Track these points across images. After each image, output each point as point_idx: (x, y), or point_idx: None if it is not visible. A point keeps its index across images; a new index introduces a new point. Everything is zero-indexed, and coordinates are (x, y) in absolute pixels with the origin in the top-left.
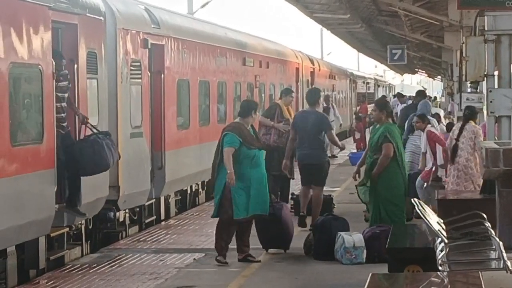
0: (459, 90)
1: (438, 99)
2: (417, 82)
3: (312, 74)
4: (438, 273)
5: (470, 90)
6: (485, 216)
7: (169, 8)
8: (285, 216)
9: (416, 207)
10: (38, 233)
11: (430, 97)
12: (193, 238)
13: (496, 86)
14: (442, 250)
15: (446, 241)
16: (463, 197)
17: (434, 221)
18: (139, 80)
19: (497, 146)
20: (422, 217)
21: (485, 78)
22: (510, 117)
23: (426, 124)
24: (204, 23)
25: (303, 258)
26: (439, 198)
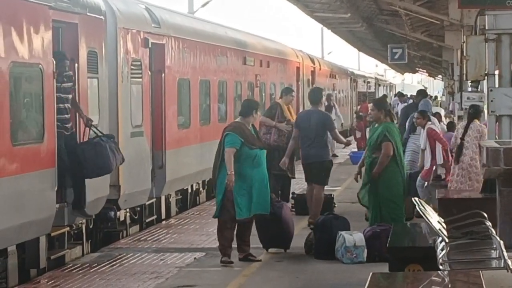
0: (460, 89)
1: (438, 98)
2: (417, 81)
3: (312, 73)
4: (439, 272)
5: (470, 89)
6: (485, 215)
7: (169, 7)
8: (285, 215)
9: (416, 206)
10: (38, 232)
11: (430, 96)
12: (193, 238)
13: (496, 85)
14: (442, 249)
15: (446, 240)
16: (464, 196)
17: (434, 220)
18: (140, 79)
19: (497, 145)
20: (423, 216)
21: (485, 77)
22: (510, 116)
23: (427, 120)
24: (204, 23)
25: (304, 257)
26: (440, 197)
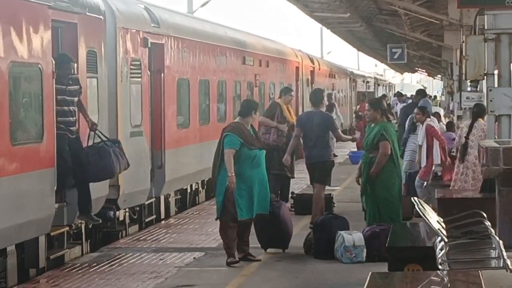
0: (459, 89)
1: (438, 98)
2: (417, 81)
3: (312, 73)
4: (438, 272)
5: (470, 89)
6: (485, 215)
7: (169, 7)
8: (283, 215)
9: (416, 206)
10: (38, 232)
11: (430, 96)
12: (193, 237)
13: (496, 85)
14: (442, 249)
15: (446, 240)
16: (463, 196)
17: (434, 220)
18: (139, 79)
19: (497, 145)
20: (422, 216)
21: (485, 77)
22: (510, 116)
23: (426, 117)
24: (204, 22)
25: (303, 257)
26: (439, 197)
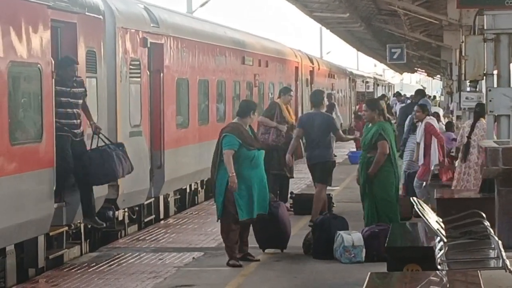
0: (459, 89)
1: (437, 98)
2: (416, 81)
3: (311, 73)
4: (437, 272)
5: (469, 89)
6: (484, 215)
7: (168, 7)
8: (282, 215)
9: (415, 206)
10: (37, 232)
11: (429, 96)
12: (192, 237)
13: (495, 85)
14: (441, 249)
15: (445, 240)
16: (462, 196)
17: (433, 220)
18: (138, 79)
19: (496, 145)
20: (421, 216)
21: (484, 77)
22: (509, 116)
23: (426, 115)
24: (203, 22)
25: (302, 257)
26: (438, 197)
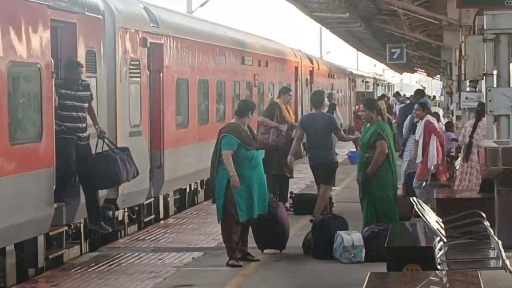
0: (458, 89)
1: (437, 98)
2: (416, 81)
3: (311, 73)
4: (437, 272)
5: (469, 89)
6: (484, 215)
7: (168, 7)
8: (281, 215)
9: (415, 206)
10: (37, 231)
11: (429, 96)
12: (192, 237)
13: (495, 85)
14: (441, 249)
15: (445, 240)
16: (462, 196)
17: (433, 220)
18: (138, 79)
19: (496, 145)
20: (421, 216)
21: (484, 77)
22: (509, 116)
23: (426, 113)
24: (203, 22)
25: (302, 257)
26: (438, 197)
